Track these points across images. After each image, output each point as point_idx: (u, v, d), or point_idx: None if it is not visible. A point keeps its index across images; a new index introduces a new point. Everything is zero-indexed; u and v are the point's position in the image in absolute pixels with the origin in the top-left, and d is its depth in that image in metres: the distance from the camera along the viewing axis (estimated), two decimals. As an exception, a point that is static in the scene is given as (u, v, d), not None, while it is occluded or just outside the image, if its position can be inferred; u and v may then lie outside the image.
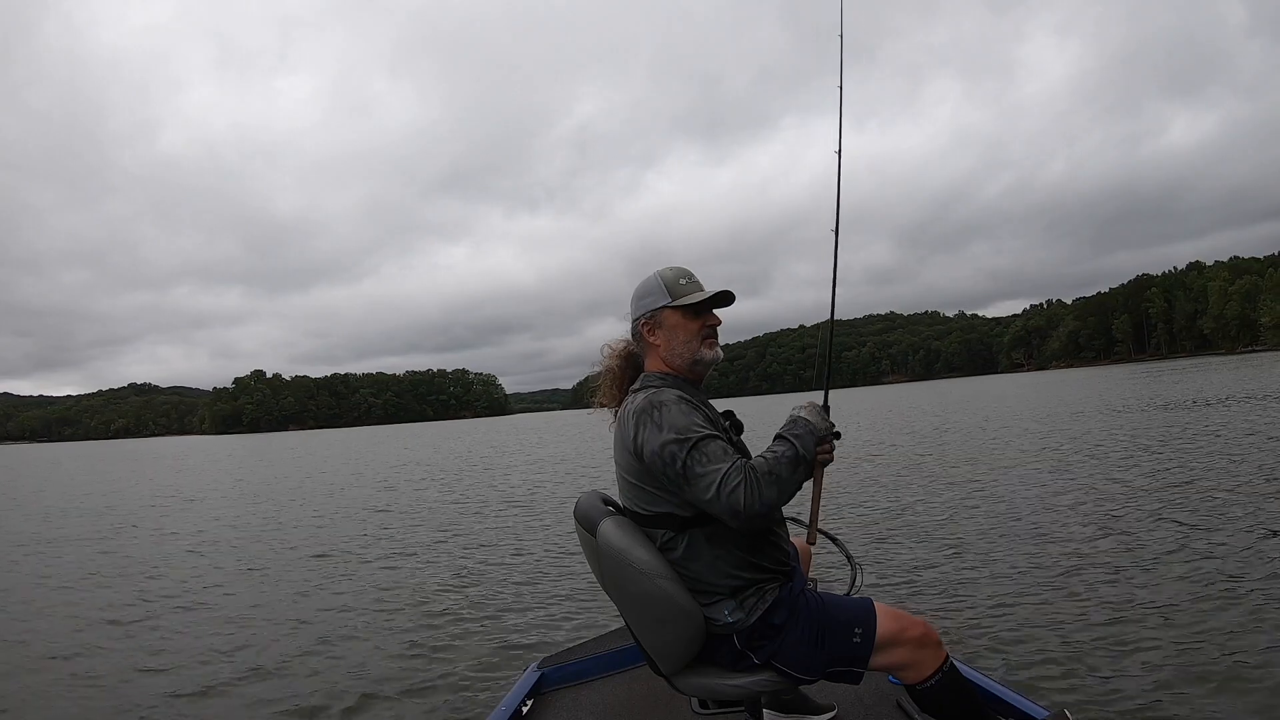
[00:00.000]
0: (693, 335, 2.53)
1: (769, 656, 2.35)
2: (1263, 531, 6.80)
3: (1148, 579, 5.74)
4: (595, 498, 2.61)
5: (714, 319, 2.57)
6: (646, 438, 2.32)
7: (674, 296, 2.53)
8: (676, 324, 2.53)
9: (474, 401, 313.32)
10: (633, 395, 2.50)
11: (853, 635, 2.31)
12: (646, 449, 2.32)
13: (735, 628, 2.36)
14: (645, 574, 2.31)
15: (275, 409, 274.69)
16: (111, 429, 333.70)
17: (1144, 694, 3.91)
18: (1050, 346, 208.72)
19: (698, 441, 2.25)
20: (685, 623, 2.32)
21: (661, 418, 2.31)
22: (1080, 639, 4.69)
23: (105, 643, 6.26)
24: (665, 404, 2.34)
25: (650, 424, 2.32)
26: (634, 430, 2.37)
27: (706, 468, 2.21)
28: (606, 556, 2.38)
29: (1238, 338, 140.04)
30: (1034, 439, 17.21)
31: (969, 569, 6.53)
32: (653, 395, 2.39)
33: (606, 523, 2.41)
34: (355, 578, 8.18)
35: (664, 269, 2.59)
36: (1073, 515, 8.22)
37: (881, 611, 2.35)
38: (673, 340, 2.54)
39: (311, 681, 5.11)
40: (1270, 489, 8.74)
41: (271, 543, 10.90)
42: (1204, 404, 22.34)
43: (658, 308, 2.55)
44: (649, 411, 2.34)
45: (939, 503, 9.88)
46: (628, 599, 2.41)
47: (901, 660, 2.33)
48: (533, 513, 12.25)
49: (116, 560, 10.09)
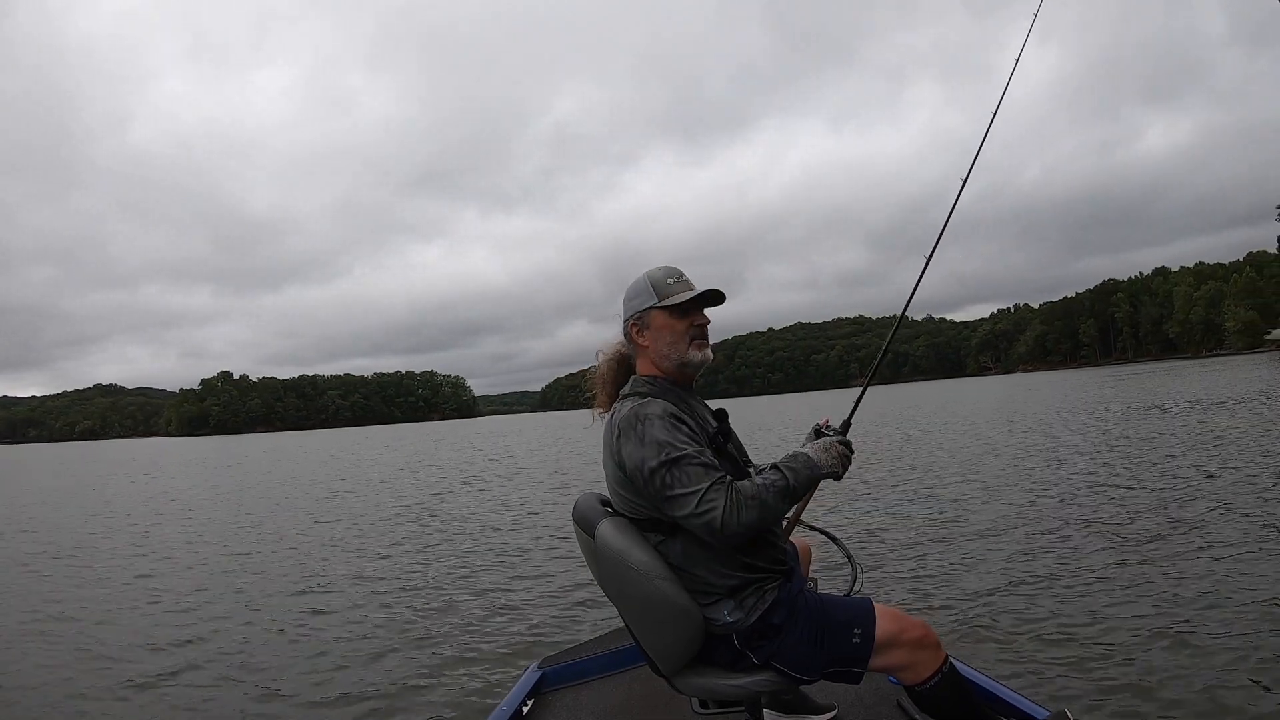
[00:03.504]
0: (680, 336, 2.49)
1: (768, 657, 2.34)
2: (1267, 531, 6.88)
3: (1149, 580, 5.77)
4: (593, 499, 2.59)
5: (702, 319, 2.54)
6: (629, 452, 2.31)
7: (660, 297, 2.50)
8: (663, 325, 2.50)
9: (442, 404, 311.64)
10: (620, 402, 2.48)
11: (852, 636, 2.30)
12: (629, 463, 2.31)
13: (734, 627, 2.35)
14: (644, 575, 2.30)
15: (242, 411, 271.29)
16: (77, 430, 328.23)
17: (1145, 694, 3.92)
18: (1017, 350, 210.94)
19: (678, 460, 2.24)
20: (684, 623, 2.31)
21: (644, 431, 2.29)
22: (1081, 639, 4.72)
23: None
24: (649, 418, 2.32)
25: (633, 437, 2.31)
26: (618, 443, 2.36)
27: (685, 487, 2.21)
28: (605, 557, 2.37)
29: (1202, 342, 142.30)
30: (1032, 439, 17.35)
31: (969, 569, 6.56)
32: (638, 407, 2.36)
33: (605, 524, 2.40)
34: (355, 578, 8.16)
35: (653, 269, 2.56)
36: (1073, 516, 8.27)
37: (881, 612, 2.33)
38: (659, 342, 2.50)
39: (311, 682, 5.12)
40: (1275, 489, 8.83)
41: (266, 543, 10.88)
42: (1188, 405, 22.68)
43: (645, 308, 2.52)
44: (633, 425, 2.32)
45: (939, 503, 9.92)
46: (627, 600, 2.40)
47: (901, 661, 2.32)
48: (532, 512, 12.26)
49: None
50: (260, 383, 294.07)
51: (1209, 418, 18.21)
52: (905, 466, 14.17)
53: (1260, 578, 5.56)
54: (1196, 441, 13.73)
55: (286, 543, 10.88)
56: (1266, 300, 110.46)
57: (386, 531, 11.38)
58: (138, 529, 13.45)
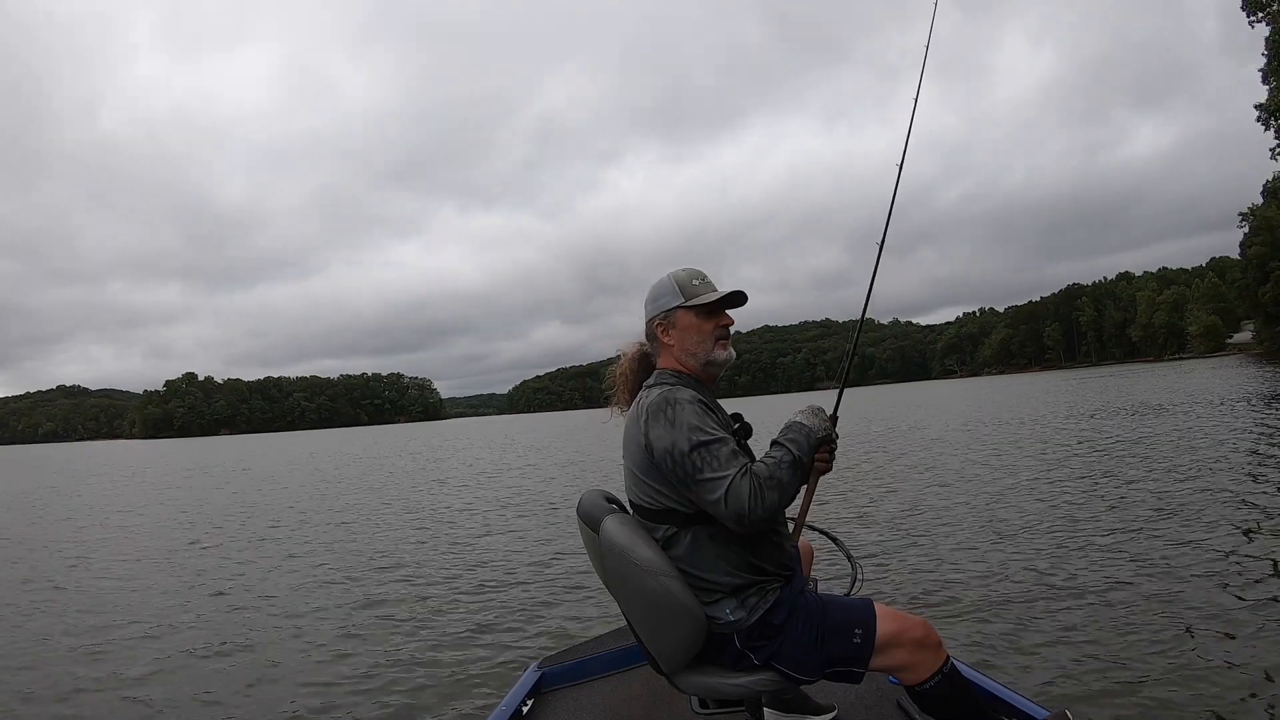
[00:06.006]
0: (706, 335, 2.55)
1: (769, 657, 2.35)
2: (1268, 531, 6.94)
3: (1150, 580, 5.79)
4: (598, 495, 2.60)
5: (727, 319, 2.59)
6: (659, 435, 2.32)
7: (687, 297, 2.55)
8: (690, 324, 2.55)
9: (409, 406, 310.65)
10: (646, 390, 2.50)
11: (853, 636, 2.31)
12: (657, 446, 2.32)
13: (736, 626, 2.36)
14: (648, 571, 2.32)
15: (207, 413, 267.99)
16: (39, 432, 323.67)
17: (1145, 694, 3.93)
18: (983, 353, 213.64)
19: (709, 443, 2.27)
20: (687, 621, 2.32)
21: (675, 415, 2.32)
22: (1081, 639, 4.73)
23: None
24: (680, 402, 2.34)
25: (664, 420, 2.33)
26: (646, 426, 2.37)
27: (716, 471, 2.23)
28: (609, 554, 2.38)
29: (1165, 346, 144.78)
30: (1028, 440, 17.44)
31: (969, 569, 6.57)
32: (668, 392, 2.39)
33: (609, 520, 2.41)
34: (354, 579, 8.10)
35: (678, 270, 2.60)
36: (1073, 516, 8.31)
37: (881, 612, 2.34)
38: (686, 340, 2.56)
39: (310, 682, 5.09)
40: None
41: (264, 545, 10.76)
42: (1172, 407, 22.88)
43: (671, 308, 2.57)
44: (663, 408, 2.35)
45: (938, 503, 9.95)
46: (630, 597, 2.41)
47: (901, 661, 2.33)
48: (531, 512, 12.26)
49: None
50: (225, 384, 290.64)
51: (1197, 419, 18.42)
52: (904, 466, 14.23)
53: (1262, 577, 5.60)
54: (1195, 442, 13.84)
55: (286, 542, 10.82)
56: (1228, 305, 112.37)
57: (384, 532, 11.30)
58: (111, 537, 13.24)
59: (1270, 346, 78.28)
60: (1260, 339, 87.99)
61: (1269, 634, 4.56)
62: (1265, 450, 11.96)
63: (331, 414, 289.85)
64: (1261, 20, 44.63)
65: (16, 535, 13.52)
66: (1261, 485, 9.14)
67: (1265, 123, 48.23)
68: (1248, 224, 78.93)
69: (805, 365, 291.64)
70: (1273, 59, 44.98)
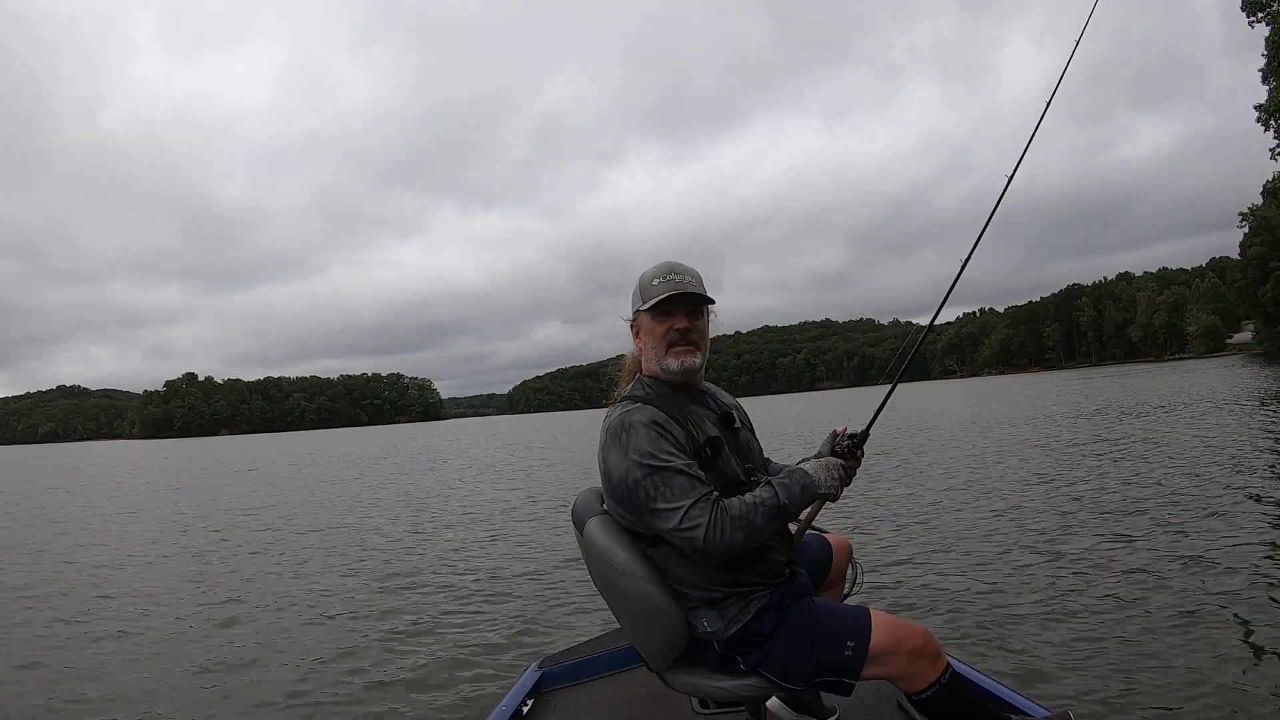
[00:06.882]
0: (659, 341, 2.40)
1: (756, 663, 2.30)
2: (1268, 531, 6.93)
3: (1152, 580, 5.76)
4: (592, 495, 2.55)
5: (680, 322, 2.39)
6: (615, 461, 2.26)
7: (645, 299, 2.41)
8: (648, 329, 2.43)
9: (409, 406, 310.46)
10: (614, 406, 2.41)
11: (844, 648, 2.23)
12: (613, 473, 2.27)
13: (714, 637, 2.31)
14: (625, 574, 2.31)
15: (207, 413, 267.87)
16: (39, 433, 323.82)
17: (1146, 694, 3.93)
18: (983, 354, 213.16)
19: (661, 470, 2.19)
20: (666, 623, 2.31)
21: (628, 440, 2.24)
22: (1082, 639, 4.71)
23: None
24: (634, 425, 2.26)
25: (619, 446, 2.26)
26: (604, 451, 2.32)
27: (669, 501, 2.17)
28: (591, 555, 2.40)
29: (1165, 346, 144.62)
30: (1030, 440, 17.40)
31: (970, 569, 6.55)
32: (625, 415, 2.31)
33: (592, 522, 2.40)
34: (353, 579, 8.10)
35: (650, 266, 2.47)
36: (1074, 516, 8.29)
37: (879, 621, 2.25)
38: (647, 346, 2.44)
39: (309, 683, 5.08)
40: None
41: (263, 545, 10.76)
42: (1171, 408, 22.84)
43: (635, 312, 2.46)
44: (619, 434, 2.27)
45: (939, 503, 9.93)
46: (614, 598, 2.42)
47: (898, 670, 2.25)
48: (530, 512, 12.23)
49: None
50: (225, 384, 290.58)
51: (1199, 419, 18.35)
52: (904, 467, 14.20)
53: (1268, 579, 5.57)
54: (1197, 443, 13.79)
55: (284, 543, 10.81)
56: (1228, 305, 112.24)
57: (383, 532, 11.28)
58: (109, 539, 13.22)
59: (1270, 347, 78.09)
60: (1260, 339, 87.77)
61: (1273, 636, 4.54)
62: (1269, 450, 11.91)
63: (331, 414, 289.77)
64: (1261, 20, 44.84)
65: (17, 535, 13.50)
66: (1267, 486, 9.10)
67: (1265, 123, 48.43)
68: (1248, 224, 78.67)
69: (805, 365, 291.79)
70: (1272, 59, 45.12)
